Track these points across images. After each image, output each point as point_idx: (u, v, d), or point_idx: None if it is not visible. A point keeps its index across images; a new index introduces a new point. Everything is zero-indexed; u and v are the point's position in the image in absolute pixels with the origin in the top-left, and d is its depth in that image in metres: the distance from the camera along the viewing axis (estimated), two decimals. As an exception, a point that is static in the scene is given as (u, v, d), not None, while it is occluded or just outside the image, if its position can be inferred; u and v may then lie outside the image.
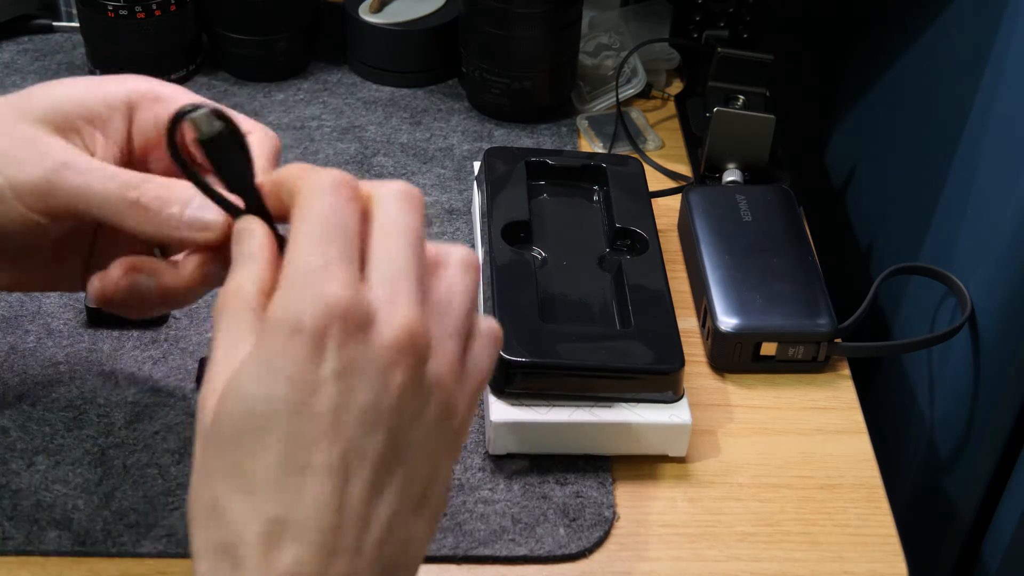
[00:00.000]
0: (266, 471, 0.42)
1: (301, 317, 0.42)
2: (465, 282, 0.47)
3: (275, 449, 0.42)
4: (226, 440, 0.43)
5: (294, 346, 0.42)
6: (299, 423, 0.42)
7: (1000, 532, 0.76)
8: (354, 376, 0.43)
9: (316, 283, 0.43)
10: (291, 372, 0.42)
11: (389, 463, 0.44)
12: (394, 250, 0.45)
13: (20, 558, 0.59)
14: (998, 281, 0.70)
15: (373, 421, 0.43)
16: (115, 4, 0.86)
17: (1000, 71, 0.71)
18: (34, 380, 0.68)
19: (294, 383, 0.42)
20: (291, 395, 0.42)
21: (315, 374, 0.42)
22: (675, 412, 0.65)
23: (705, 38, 0.93)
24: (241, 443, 0.43)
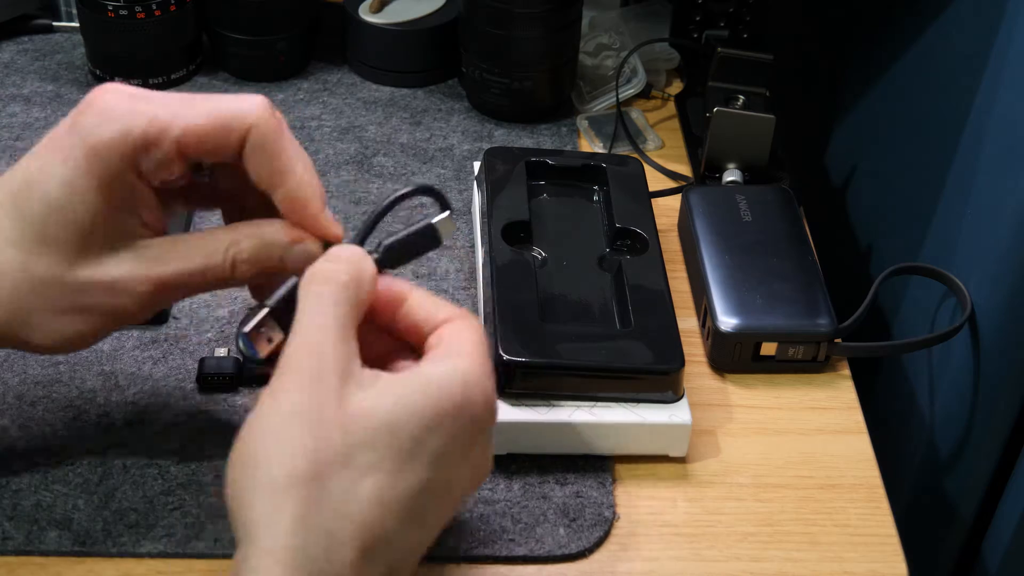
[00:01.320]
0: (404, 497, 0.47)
1: (487, 392, 0.50)
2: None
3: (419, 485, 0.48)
4: (383, 442, 0.47)
5: (468, 411, 0.49)
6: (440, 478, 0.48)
7: (1000, 532, 0.76)
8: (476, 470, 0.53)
9: (492, 381, 0.51)
10: (456, 432, 0.49)
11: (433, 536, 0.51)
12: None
13: (20, 558, 0.59)
14: (998, 281, 0.70)
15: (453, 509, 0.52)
16: (115, 4, 0.86)
17: (1000, 71, 0.71)
18: (34, 380, 0.68)
19: (454, 440, 0.49)
20: (448, 450, 0.48)
21: (466, 449, 0.50)
22: (675, 412, 0.65)
23: (705, 38, 0.93)
24: (397, 457, 0.47)
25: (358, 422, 0.47)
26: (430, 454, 0.48)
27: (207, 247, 0.54)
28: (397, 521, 0.47)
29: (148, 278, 0.54)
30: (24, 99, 0.89)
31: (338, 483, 0.46)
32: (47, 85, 0.91)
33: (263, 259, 0.54)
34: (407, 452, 0.47)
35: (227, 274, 0.54)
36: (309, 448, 0.46)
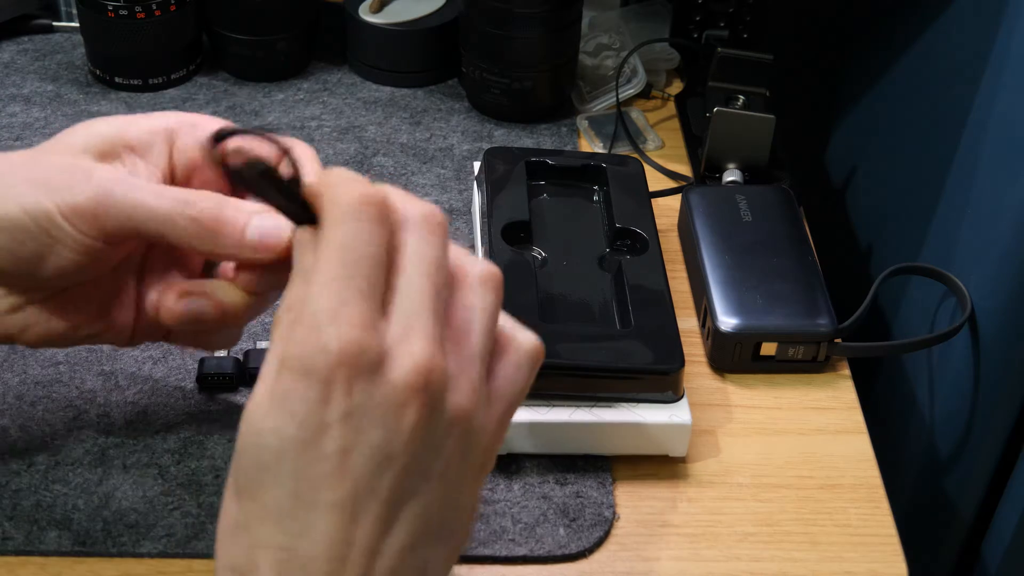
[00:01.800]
0: (277, 503, 0.43)
1: (312, 360, 0.42)
2: (485, 302, 0.47)
3: (285, 484, 0.43)
4: (243, 468, 0.44)
5: (304, 388, 0.42)
6: (306, 462, 0.43)
7: (1000, 532, 0.76)
8: (362, 419, 0.43)
9: (328, 324, 0.42)
10: (301, 413, 0.42)
11: (401, 499, 0.44)
12: (413, 284, 0.44)
13: (20, 558, 0.59)
14: (998, 281, 0.71)
15: (382, 460, 0.43)
16: (115, 4, 0.86)
17: (1000, 71, 0.71)
18: (34, 380, 0.68)
19: (302, 424, 0.42)
20: (299, 434, 0.43)
21: (323, 417, 0.42)
22: (675, 412, 0.65)
23: (705, 38, 0.93)
24: (255, 473, 0.44)
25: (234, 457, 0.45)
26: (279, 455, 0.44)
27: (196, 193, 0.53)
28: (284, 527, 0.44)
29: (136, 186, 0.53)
30: (24, 99, 0.89)
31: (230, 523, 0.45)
32: (47, 85, 0.91)
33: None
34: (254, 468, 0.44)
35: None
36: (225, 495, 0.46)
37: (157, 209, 0.52)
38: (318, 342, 0.42)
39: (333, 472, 0.43)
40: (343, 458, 0.43)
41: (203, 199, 0.53)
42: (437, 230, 0.45)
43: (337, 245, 0.43)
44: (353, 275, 0.43)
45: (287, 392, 0.43)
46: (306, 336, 0.42)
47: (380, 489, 0.43)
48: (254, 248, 0.52)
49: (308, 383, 0.42)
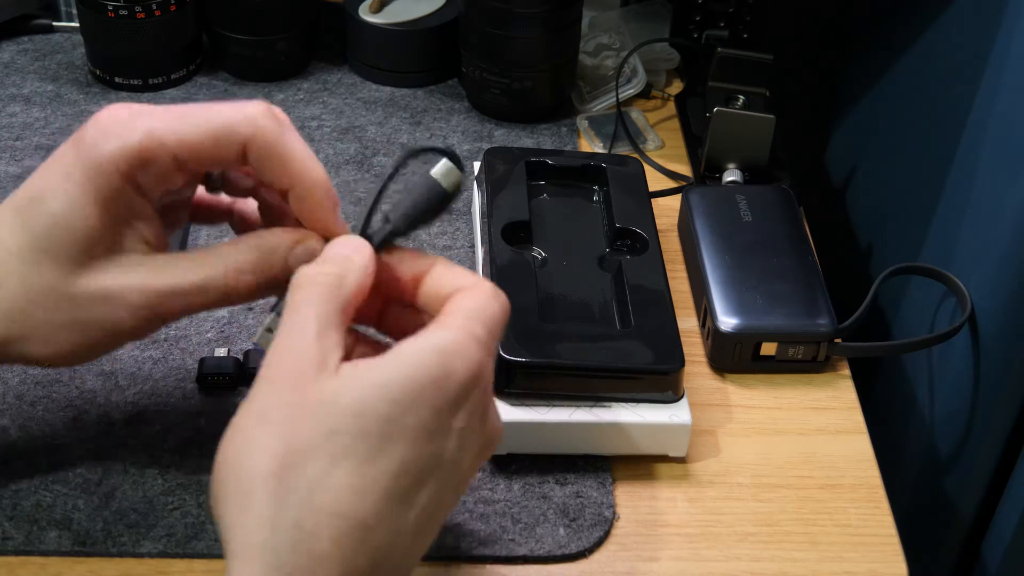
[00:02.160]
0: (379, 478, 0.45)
1: (471, 361, 0.48)
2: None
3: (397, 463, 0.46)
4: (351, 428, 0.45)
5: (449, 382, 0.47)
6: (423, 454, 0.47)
7: (1000, 532, 0.76)
8: (468, 440, 0.49)
9: (486, 351, 0.49)
10: (439, 405, 0.47)
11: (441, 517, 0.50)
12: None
13: (20, 558, 0.59)
14: (998, 281, 0.71)
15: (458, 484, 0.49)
16: (115, 4, 0.86)
17: (1000, 71, 0.71)
18: (34, 380, 0.68)
19: (436, 416, 0.47)
20: (430, 425, 0.47)
21: (451, 420, 0.48)
22: (675, 412, 0.65)
23: (705, 38, 0.93)
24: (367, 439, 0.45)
25: (325, 409, 0.46)
26: (409, 432, 0.46)
27: (206, 261, 0.54)
28: (377, 506, 0.45)
29: (144, 290, 0.53)
30: (24, 99, 0.89)
31: (306, 475, 0.45)
32: (47, 85, 0.91)
33: (264, 268, 0.54)
34: (379, 434, 0.46)
35: (229, 288, 0.54)
36: (274, 445, 0.45)
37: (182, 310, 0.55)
38: (475, 358, 0.48)
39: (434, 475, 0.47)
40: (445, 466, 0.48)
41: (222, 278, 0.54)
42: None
43: (495, 313, 0.51)
44: (496, 340, 0.51)
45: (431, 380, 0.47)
46: (466, 346, 0.48)
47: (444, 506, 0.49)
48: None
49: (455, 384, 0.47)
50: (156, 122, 0.52)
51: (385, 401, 0.46)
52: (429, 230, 0.79)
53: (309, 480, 0.45)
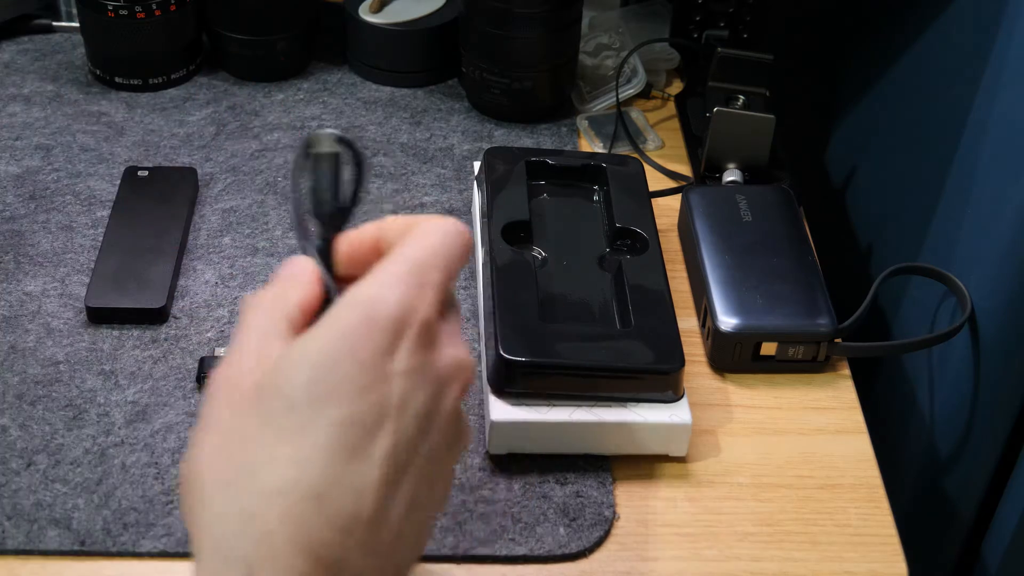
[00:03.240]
0: (317, 443, 0.43)
1: (391, 305, 0.45)
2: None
3: (333, 424, 0.43)
4: (279, 405, 0.44)
5: (371, 330, 0.44)
6: (362, 406, 0.44)
7: (1000, 532, 0.76)
8: (420, 379, 0.45)
9: (413, 287, 0.46)
10: (363, 356, 0.44)
11: (431, 473, 0.46)
12: (458, 317, 0.50)
13: (20, 558, 0.59)
14: (998, 281, 0.70)
15: (425, 429, 0.45)
16: (115, 4, 0.86)
17: (1000, 71, 0.71)
18: (34, 380, 0.68)
19: (364, 366, 0.44)
20: (359, 377, 0.44)
21: (386, 365, 0.44)
22: (675, 412, 0.65)
23: (705, 38, 0.93)
24: (295, 410, 0.43)
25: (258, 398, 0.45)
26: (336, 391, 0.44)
27: None
28: (323, 471, 0.43)
29: None
30: (24, 99, 0.89)
31: (248, 464, 0.43)
32: (47, 85, 0.91)
33: None
34: (306, 401, 0.44)
35: None
36: (218, 445, 0.45)
37: None
38: (402, 293, 0.45)
39: (387, 423, 0.44)
40: (399, 412, 0.44)
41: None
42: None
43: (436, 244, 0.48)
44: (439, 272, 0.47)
45: (352, 332, 0.44)
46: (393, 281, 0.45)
47: (420, 453, 0.45)
48: None
49: (378, 327, 0.44)
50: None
51: (304, 369, 0.44)
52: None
53: (251, 468, 0.43)
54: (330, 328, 0.44)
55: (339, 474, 0.43)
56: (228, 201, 0.81)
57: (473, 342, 0.71)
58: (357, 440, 0.43)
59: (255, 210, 0.80)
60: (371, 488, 0.43)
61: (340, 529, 0.43)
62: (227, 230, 0.78)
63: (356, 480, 0.43)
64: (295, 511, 0.42)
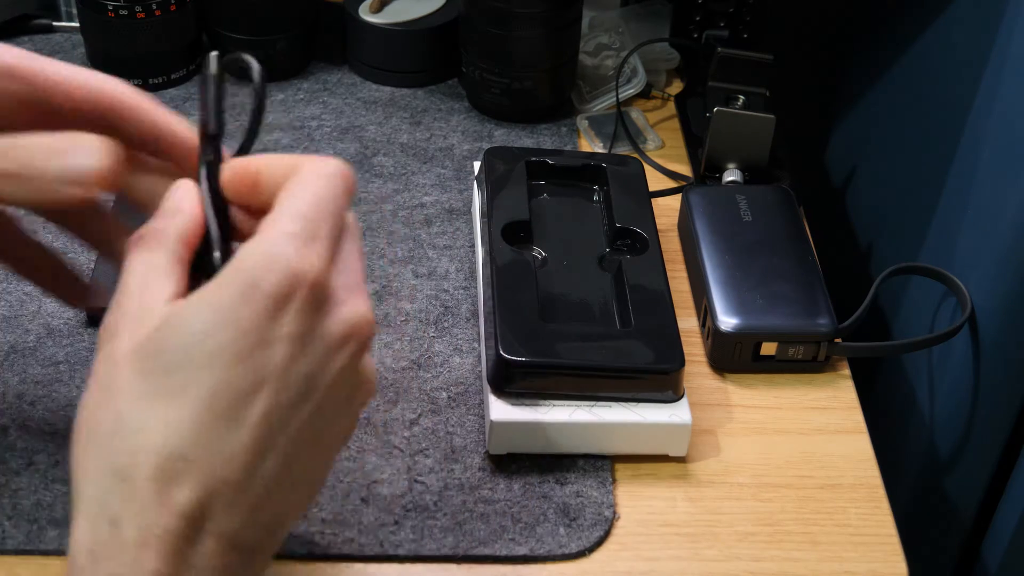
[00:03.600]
0: (190, 408, 0.43)
1: (276, 269, 0.44)
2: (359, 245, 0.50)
3: (206, 390, 0.43)
4: (156, 367, 0.43)
5: (258, 296, 0.43)
6: (239, 373, 0.43)
7: (1000, 532, 0.76)
8: (305, 345, 0.44)
9: (301, 244, 0.44)
10: (244, 323, 0.43)
11: (309, 437, 0.45)
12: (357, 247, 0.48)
13: (20, 558, 0.59)
14: (998, 281, 0.70)
15: (307, 392, 0.45)
16: (115, 4, 0.86)
17: (1000, 71, 0.71)
18: (34, 380, 0.68)
19: (244, 333, 0.43)
20: (238, 343, 0.43)
21: (269, 332, 0.43)
22: (675, 412, 0.65)
23: (705, 38, 0.93)
24: (172, 374, 0.43)
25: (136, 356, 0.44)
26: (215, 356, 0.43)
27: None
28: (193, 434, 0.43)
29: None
30: (24, 99, 0.89)
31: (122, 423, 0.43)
32: (47, 85, 0.91)
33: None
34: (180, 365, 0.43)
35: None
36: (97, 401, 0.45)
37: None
38: (285, 257, 0.44)
39: (261, 389, 0.44)
40: (277, 378, 0.44)
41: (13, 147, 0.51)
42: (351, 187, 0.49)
43: (318, 191, 0.46)
44: (328, 221, 0.46)
45: (232, 301, 0.43)
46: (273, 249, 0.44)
47: (296, 420, 0.45)
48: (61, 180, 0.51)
49: (260, 296, 0.43)
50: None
51: (184, 334, 0.43)
52: (428, 230, 0.79)
53: (124, 426, 0.43)
54: (215, 293, 0.44)
55: (208, 438, 0.43)
56: (228, 201, 0.80)
57: (473, 342, 0.71)
58: (229, 405, 0.43)
59: (255, 210, 0.80)
60: (240, 452, 0.43)
61: (207, 489, 0.43)
62: (227, 230, 0.78)
63: (225, 445, 0.43)
64: (163, 472, 0.42)
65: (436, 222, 0.80)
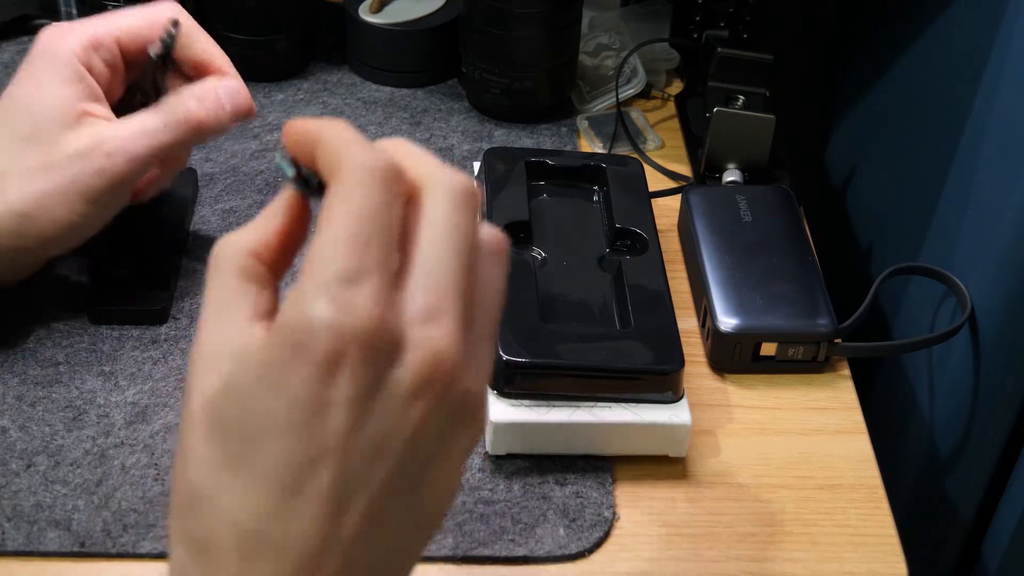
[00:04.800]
0: (254, 482, 0.40)
1: (318, 332, 0.38)
2: (496, 274, 0.44)
3: (267, 463, 0.40)
4: (219, 435, 0.40)
5: (303, 363, 0.38)
6: (296, 445, 0.39)
7: (1000, 532, 0.76)
8: (368, 405, 0.39)
9: (344, 291, 0.38)
10: (296, 391, 0.39)
11: (394, 491, 0.41)
12: (441, 258, 0.40)
13: (20, 558, 0.59)
14: (998, 281, 0.70)
15: (382, 452, 0.40)
16: (115, 4, 0.86)
17: (1000, 71, 0.71)
18: (34, 380, 0.68)
19: (296, 403, 0.39)
20: (291, 414, 0.39)
21: (324, 396, 0.39)
22: (675, 412, 0.65)
23: (705, 38, 0.93)
24: (232, 444, 0.40)
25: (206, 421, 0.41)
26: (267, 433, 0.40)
27: (161, 108, 0.67)
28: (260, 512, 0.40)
29: (114, 136, 0.65)
30: (24, 99, 0.89)
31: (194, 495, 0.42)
32: (47, 85, 0.91)
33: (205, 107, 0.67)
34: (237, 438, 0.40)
35: (183, 123, 0.66)
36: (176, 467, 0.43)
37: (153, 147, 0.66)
38: (331, 310, 0.38)
39: (324, 459, 0.39)
40: (340, 445, 0.39)
41: (175, 112, 0.66)
42: (470, 199, 0.42)
43: (358, 207, 0.39)
44: (370, 242, 0.39)
45: (282, 365, 0.39)
46: (316, 302, 0.38)
47: (373, 481, 0.40)
48: (233, 118, 0.68)
49: (310, 358, 0.38)
50: (96, 20, 0.67)
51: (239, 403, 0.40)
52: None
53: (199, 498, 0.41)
54: (266, 353, 0.40)
55: (278, 513, 0.40)
56: (228, 201, 0.81)
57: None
58: (292, 479, 0.39)
59: (255, 210, 0.80)
60: (313, 523, 0.40)
61: (287, 562, 0.40)
62: (227, 230, 0.78)
63: (296, 519, 0.40)
64: (240, 546, 0.40)
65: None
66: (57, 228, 0.65)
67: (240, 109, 0.68)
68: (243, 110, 0.69)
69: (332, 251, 0.39)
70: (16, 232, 0.65)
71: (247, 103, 0.69)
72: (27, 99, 0.65)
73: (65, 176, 0.64)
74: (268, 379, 0.39)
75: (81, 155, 0.64)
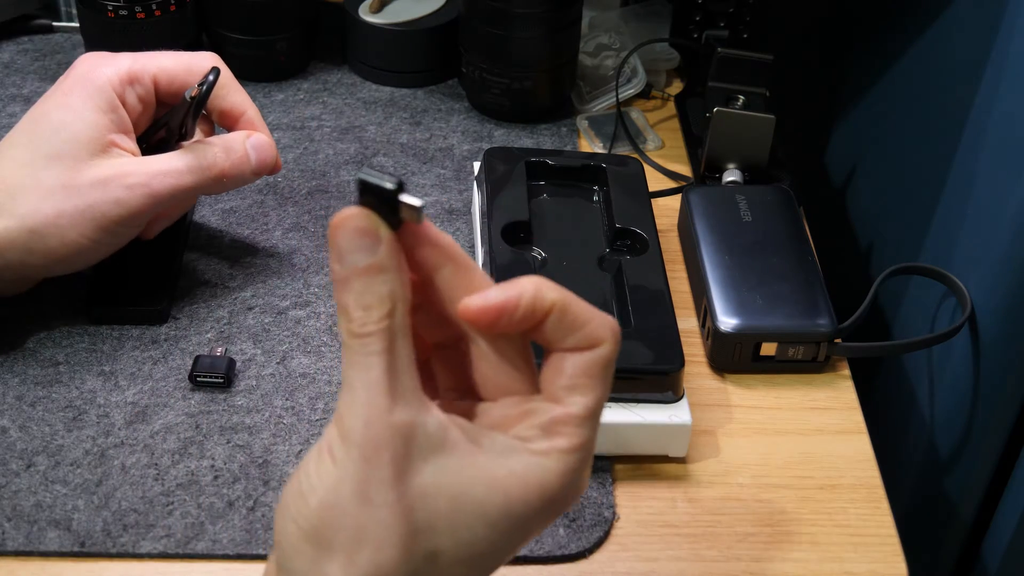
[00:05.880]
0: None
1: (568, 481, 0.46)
2: None
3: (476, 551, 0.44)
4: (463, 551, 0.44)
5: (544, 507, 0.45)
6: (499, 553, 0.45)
7: (1000, 532, 0.76)
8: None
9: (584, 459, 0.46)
10: (528, 526, 0.45)
11: None
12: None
13: (20, 558, 0.59)
14: (998, 281, 0.71)
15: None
16: (115, 4, 0.86)
17: (1000, 71, 0.71)
18: (34, 380, 0.68)
19: (527, 532, 0.45)
20: (516, 540, 0.45)
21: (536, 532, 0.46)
22: (675, 412, 0.65)
23: (705, 38, 0.93)
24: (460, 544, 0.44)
25: (422, 503, 0.43)
26: (499, 549, 0.45)
27: (187, 152, 0.68)
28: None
29: (137, 171, 0.66)
30: (24, 99, 0.89)
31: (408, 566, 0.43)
32: (47, 85, 0.90)
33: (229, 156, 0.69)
34: (466, 543, 0.44)
35: (207, 169, 0.68)
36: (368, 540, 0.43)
37: (175, 188, 0.67)
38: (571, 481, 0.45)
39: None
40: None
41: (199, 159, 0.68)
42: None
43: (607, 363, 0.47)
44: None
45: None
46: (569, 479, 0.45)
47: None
48: (256, 172, 0.70)
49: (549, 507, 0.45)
50: (137, 55, 0.69)
51: (484, 526, 0.44)
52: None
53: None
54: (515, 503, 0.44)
55: None
56: (228, 201, 0.81)
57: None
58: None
59: (255, 210, 0.80)
60: None
61: None
62: (227, 230, 0.78)
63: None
64: None
65: (436, 222, 0.80)
66: (66, 249, 0.65)
67: (265, 164, 0.70)
68: (268, 165, 0.70)
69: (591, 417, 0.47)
70: (25, 247, 0.65)
71: (272, 158, 0.70)
72: (57, 120, 0.66)
73: (83, 200, 0.65)
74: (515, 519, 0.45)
75: (102, 183, 0.65)
